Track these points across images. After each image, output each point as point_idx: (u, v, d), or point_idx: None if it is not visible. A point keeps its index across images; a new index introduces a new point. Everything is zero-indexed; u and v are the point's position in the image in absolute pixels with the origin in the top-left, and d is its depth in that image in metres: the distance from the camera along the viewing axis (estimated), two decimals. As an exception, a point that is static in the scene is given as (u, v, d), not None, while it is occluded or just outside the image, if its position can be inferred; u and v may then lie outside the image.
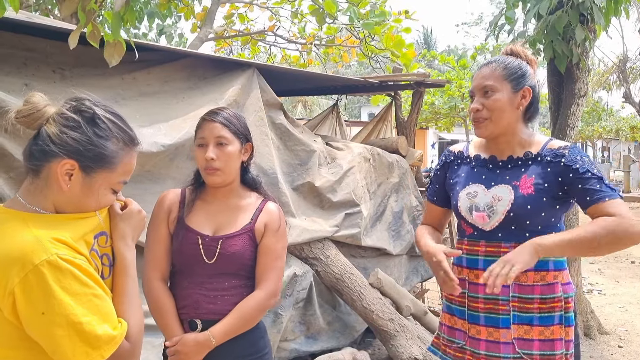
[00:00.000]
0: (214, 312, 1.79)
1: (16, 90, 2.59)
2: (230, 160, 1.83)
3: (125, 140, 1.33)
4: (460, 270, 1.93)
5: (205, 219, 1.85)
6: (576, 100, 4.39)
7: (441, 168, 2.07)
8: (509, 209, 1.81)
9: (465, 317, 1.90)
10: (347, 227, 3.81)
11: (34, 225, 1.21)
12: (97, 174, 1.29)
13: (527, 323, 1.80)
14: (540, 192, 1.80)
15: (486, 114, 1.85)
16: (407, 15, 7.53)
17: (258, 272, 1.85)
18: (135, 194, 2.85)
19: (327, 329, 3.74)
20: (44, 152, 1.24)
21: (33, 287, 1.13)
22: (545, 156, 1.83)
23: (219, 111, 1.87)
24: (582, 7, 3.96)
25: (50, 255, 1.15)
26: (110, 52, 2.06)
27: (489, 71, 1.87)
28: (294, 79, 4.82)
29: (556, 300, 1.80)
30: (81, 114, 1.27)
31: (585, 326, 4.57)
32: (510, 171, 1.87)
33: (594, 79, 17.04)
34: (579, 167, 1.76)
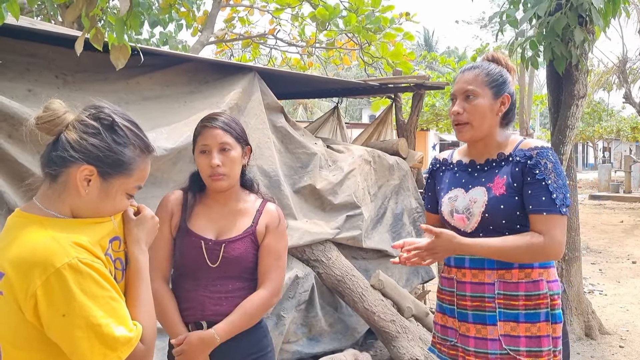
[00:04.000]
0: (219, 314, 1.82)
1: (20, 96, 2.62)
2: (235, 165, 1.86)
3: (141, 147, 1.36)
4: (449, 270, 1.99)
5: (207, 223, 1.87)
6: (575, 102, 4.40)
7: (430, 176, 2.14)
8: (484, 210, 1.86)
9: (455, 315, 1.95)
10: (348, 229, 3.83)
11: (52, 229, 1.24)
12: (114, 180, 1.32)
13: (514, 320, 1.84)
14: (511, 191, 1.84)
15: (466, 118, 1.90)
16: (407, 18, 7.55)
17: (261, 272, 1.88)
18: (137, 198, 2.86)
19: (329, 331, 3.76)
20: (63, 158, 1.27)
21: (55, 290, 1.16)
22: (516, 156, 1.87)
23: (218, 116, 1.89)
24: (580, 8, 3.98)
25: (72, 258, 1.18)
26: (116, 55, 2.09)
27: (471, 76, 1.92)
28: (295, 81, 4.85)
29: (541, 297, 1.83)
30: (101, 121, 1.31)
31: (587, 326, 4.58)
32: (485, 173, 1.93)
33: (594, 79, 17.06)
34: (538, 173, 1.81)
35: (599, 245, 9.15)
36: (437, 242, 1.79)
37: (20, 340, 1.22)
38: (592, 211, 14.17)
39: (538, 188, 1.79)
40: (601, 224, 11.77)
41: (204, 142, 1.85)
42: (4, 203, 2.33)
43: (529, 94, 13.80)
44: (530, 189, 1.81)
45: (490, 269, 1.87)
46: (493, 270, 1.86)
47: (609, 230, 10.88)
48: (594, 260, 7.97)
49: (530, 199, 1.80)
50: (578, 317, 4.55)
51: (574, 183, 4.65)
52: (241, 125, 1.95)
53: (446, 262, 2.01)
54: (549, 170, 1.81)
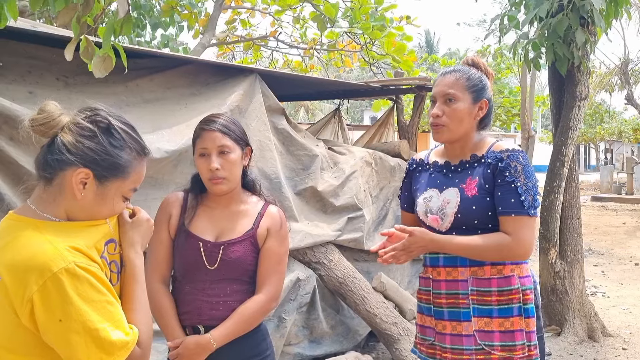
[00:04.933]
0: (216, 318, 1.81)
1: (21, 98, 2.62)
2: (234, 168, 1.84)
3: (137, 150, 1.35)
4: (425, 270, 2.03)
5: (207, 225, 1.86)
6: (577, 103, 4.39)
7: (407, 176, 2.17)
8: (457, 211, 1.89)
9: (432, 313, 1.98)
10: (349, 231, 3.82)
11: (48, 233, 1.23)
12: (110, 183, 1.31)
13: (487, 315, 1.88)
14: (483, 193, 1.88)
15: (445, 121, 1.93)
16: (408, 21, 7.55)
17: (260, 276, 1.86)
18: (138, 200, 2.88)
19: (331, 333, 3.75)
20: (59, 161, 1.26)
21: (51, 295, 1.15)
22: (488, 158, 1.91)
23: (217, 118, 1.87)
24: (582, 10, 3.97)
25: (68, 263, 1.17)
26: (98, 65, 2.07)
27: (452, 80, 1.95)
28: (296, 83, 4.85)
29: (514, 292, 1.87)
30: (97, 124, 1.29)
31: (589, 328, 4.56)
32: (459, 174, 1.97)
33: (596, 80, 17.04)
34: (508, 175, 1.85)
35: (601, 247, 9.13)
36: (410, 240, 1.85)
37: (16, 345, 1.21)
38: (594, 213, 14.14)
39: (507, 190, 1.85)
40: (603, 225, 11.74)
41: (202, 145, 1.84)
42: (5, 205, 2.32)
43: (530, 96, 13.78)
44: (500, 190, 1.86)
45: (462, 266, 1.91)
46: (466, 268, 1.91)
47: (611, 232, 10.85)
48: (597, 262, 7.95)
49: (500, 200, 1.86)
50: (581, 319, 4.53)
51: (576, 185, 4.64)
52: (241, 125, 1.93)
53: (424, 263, 2.05)
54: (519, 172, 1.86)
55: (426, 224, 1.98)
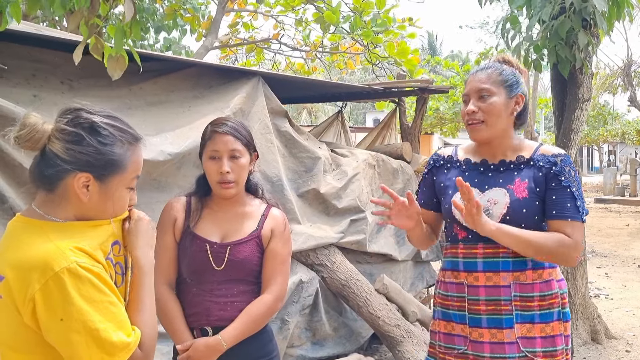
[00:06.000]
0: (224, 319, 1.82)
1: (25, 101, 2.64)
2: (243, 172, 1.87)
3: (129, 140, 1.34)
4: (457, 275, 1.94)
5: (212, 227, 1.88)
6: (580, 105, 4.39)
7: (429, 172, 2.09)
8: (505, 212, 1.85)
9: (465, 321, 1.90)
10: (352, 233, 3.83)
11: (52, 234, 1.24)
12: (111, 179, 1.31)
13: (529, 321, 1.84)
14: (533, 196, 1.85)
15: (482, 117, 1.89)
16: (411, 23, 7.56)
17: (265, 276, 1.88)
18: (142, 203, 2.88)
19: (334, 335, 3.75)
20: (56, 172, 1.26)
21: (53, 294, 1.16)
22: (538, 161, 1.88)
23: (228, 122, 1.89)
24: (584, 12, 3.98)
25: (70, 263, 1.18)
26: (112, 66, 2.09)
27: (485, 76, 1.92)
28: (299, 86, 4.86)
29: (554, 297, 1.85)
30: (81, 126, 1.27)
31: (593, 331, 4.56)
32: (503, 174, 1.91)
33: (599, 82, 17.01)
34: (564, 179, 1.83)
35: (604, 249, 9.11)
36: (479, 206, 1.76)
37: (19, 343, 1.22)
38: (597, 215, 14.11)
39: (563, 194, 1.82)
40: (607, 227, 11.72)
41: (214, 148, 1.85)
42: (8, 207, 2.34)
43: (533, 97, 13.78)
44: (555, 194, 1.82)
45: (505, 271, 1.85)
46: (508, 273, 1.85)
47: (614, 234, 10.84)
48: (600, 263, 7.94)
49: (555, 204, 1.82)
50: (584, 321, 4.53)
51: (579, 186, 4.63)
52: (249, 130, 1.95)
53: (451, 267, 1.97)
54: (573, 177, 1.84)
55: (462, 224, 1.91)
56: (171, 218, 1.90)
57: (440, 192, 2.03)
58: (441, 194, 2.03)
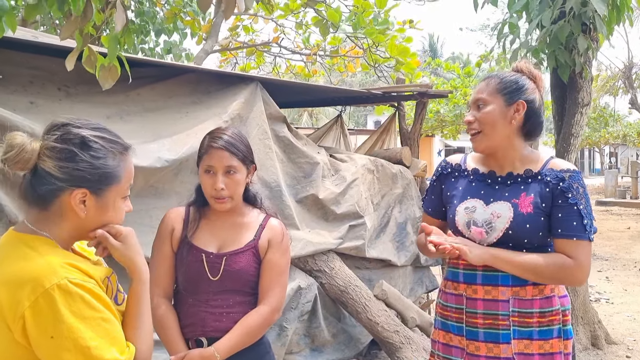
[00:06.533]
0: (219, 330, 1.81)
1: (22, 109, 2.63)
2: (239, 188, 1.86)
3: (120, 150, 1.34)
4: (456, 286, 1.93)
5: (209, 237, 1.87)
6: (580, 110, 4.38)
7: (437, 179, 2.06)
8: (508, 227, 1.81)
9: (462, 333, 1.89)
10: (351, 239, 3.82)
11: (44, 249, 1.23)
12: (108, 192, 1.31)
13: (527, 337, 1.81)
14: (538, 211, 1.81)
15: (478, 127, 1.87)
16: (411, 25, 7.55)
17: (262, 287, 1.86)
18: (140, 209, 2.88)
19: (332, 342, 3.74)
20: (51, 190, 1.24)
21: (43, 311, 1.15)
22: (546, 176, 1.83)
23: (225, 135, 1.86)
24: (584, 16, 3.97)
25: (61, 279, 1.17)
26: (104, 76, 2.08)
27: (483, 85, 1.90)
28: (298, 91, 4.85)
29: (554, 313, 1.82)
30: (71, 142, 1.26)
31: (593, 336, 4.54)
32: (509, 188, 1.87)
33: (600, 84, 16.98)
34: (571, 197, 1.78)
35: (605, 253, 9.10)
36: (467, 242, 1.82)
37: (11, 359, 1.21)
38: (598, 217, 14.09)
39: (570, 212, 1.77)
40: (608, 230, 11.70)
41: (209, 163, 1.84)
42: (5, 216, 2.33)
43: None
44: (561, 212, 1.78)
45: (504, 285, 1.82)
46: (507, 287, 1.82)
47: (615, 237, 10.81)
48: (601, 267, 7.92)
49: (560, 222, 1.78)
50: (584, 326, 4.51)
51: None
52: (247, 142, 1.93)
53: (452, 278, 1.95)
54: (581, 195, 1.78)
55: (466, 235, 1.89)
56: (169, 228, 1.89)
57: (447, 201, 2.01)
58: (447, 203, 2.01)
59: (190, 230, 1.87)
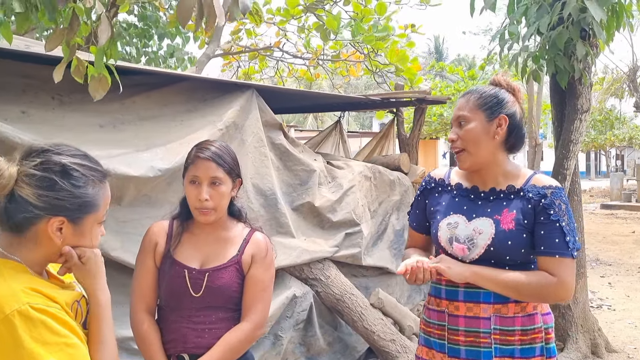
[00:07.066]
0: (201, 346, 1.79)
1: (13, 118, 2.63)
2: (223, 200, 1.84)
3: (99, 178, 1.33)
4: (439, 302, 1.91)
5: (192, 252, 1.85)
6: (579, 116, 4.34)
7: (421, 194, 2.05)
8: (490, 243, 1.80)
9: (445, 350, 1.87)
10: (347, 247, 3.80)
11: (8, 273, 1.21)
12: (85, 220, 1.30)
13: (509, 356, 1.79)
14: (520, 228, 1.79)
15: (461, 145, 1.85)
16: (413, 29, 7.53)
17: (245, 303, 1.85)
18: (133, 219, 2.87)
19: (328, 350, 3.72)
20: (28, 218, 1.23)
21: (4, 337, 1.14)
22: (528, 192, 1.81)
23: (212, 146, 1.85)
24: (583, 22, 3.93)
25: (22, 305, 1.15)
26: (94, 87, 2.07)
27: (463, 101, 1.88)
28: (297, 97, 4.84)
29: (537, 331, 1.80)
30: (51, 170, 1.24)
31: (593, 344, 4.49)
32: (492, 204, 1.86)
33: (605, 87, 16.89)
34: (552, 214, 1.76)
35: (609, 257, 9.02)
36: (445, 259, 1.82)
37: None
38: (603, 221, 14.00)
39: (552, 229, 1.75)
40: (612, 234, 11.61)
41: (194, 173, 1.82)
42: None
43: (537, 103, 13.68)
44: (543, 229, 1.76)
45: (486, 302, 1.80)
46: (489, 305, 1.80)
47: (619, 241, 10.73)
48: (604, 272, 7.85)
49: (543, 239, 1.76)
50: (584, 334, 4.47)
51: (578, 198, 4.58)
52: (235, 155, 1.92)
53: (435, 294, 1.94)
54: (563, 211, 1.77)
55: (448, 251, 1.87)
56: (152, 242, 1.88)
57: (430, 216, 2.00)
58: (431, 218, 1.99)
59: (173, 244, 1.86)
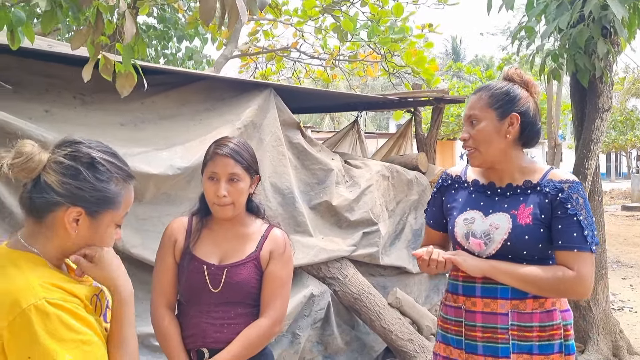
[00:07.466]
0: (220, 341, 1.81)
1: (37, 117, 2.67)
2: (241, 196, 1.85)
3: (124, 177, 1.35)
4: (456, 298, 1.91)
5: (211, 248, 1.87)
6: (600, 115, 4.28)
7: (438, 191, 2.05)
8: (507, 238, 1.79)
9: (462, 346, 1.86)
10: (365, 246, 3.79)
11: (28, 267, 1.23)
12: (103, 216, 1.31)
13: (527, 352, 1.78)
14: (537, 223, 1.78)
15: (473, 144, 1.85)
16: (430, 29, 7.50)
17: (263, 300, 1.86)
18: (152, 216, 2.91)
19: (346, 349, 3.71)
20: (48, 202, 1.25)
21: (20, 331, 1.15)
22: (545, 187, 1.80)
23: (231, 143, 1.87)
24: (604, 20, 3.88)
25: (38, 299, 1.16)
26: (122, 83, 2.11)
27: (475, 100, 1.87)
28: (314, 97, 4.85)
29: (555, 328, 1.79)
30: (79, 160, 1.27)
31: (614, 346, 4.43)
32: (508, 199, 1.85)
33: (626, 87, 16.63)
34: (570, 208, 1.75)
35: (630, 259, 8.88)
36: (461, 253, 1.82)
37: None
38: (624, 222, 13.78)
39: (569, 223, 1.74)
40: (633, 236, 11.42)
41: (213, 169, 1.84)
42: (14, 222, 2.35)
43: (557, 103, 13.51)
44: (560, 223, 1.75)
45: (503, 298, 1.79)
46: (506, 300, 1.79)
47: (641, 243, 10.55)
48: (625, 274, 7.73)
49: (561, 234, 1.75)
50: (605, 336, 4.41)
51: (599, 198, 4.52)
52: (253, 152, 1.93)
53: (452, 290, 1.93)
54: (580, 205, 1.75)
55: (464, 247, 1.87)
56: (171, 239, 1.90)
57: (447, 213, 1.99)
58: (447, 214, 1.99)
59: (193, 240, 1.88)
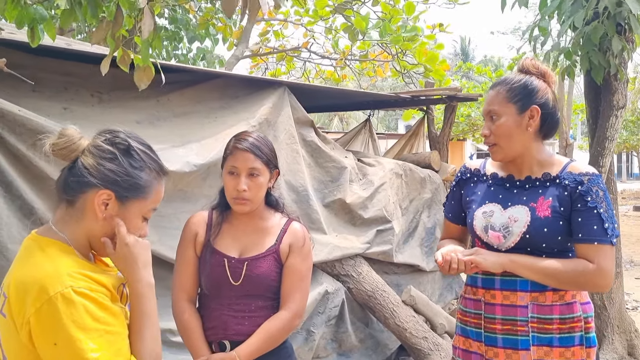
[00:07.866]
0: (242, 333, 1.82)
1: (55, 114, 2.70)
2: (261, 191, 1.87)
3: (157, 170, 1.37)
4: (475, 291, 1.90)
5: (231, 241, 1.89)
6: (614, 112, 4.26)
7: (457, 185, 2.04)
8: (525, 231, 1.79)
9: (481, 339, 1.86)
10: (378, 243, 3.79)
11: (56, 254, 1.24)
12: (131, 203, 1.33)
13: (547, 344, 1.77)
14: (556, 215, 1.77)
15: (494, 140, 1.84)
16: (441, 29, 7.49)
17: (283, 293, 1.87)
18: (169, 213, 2.93)
19: (360, 347, 3.72)
20: (80, 183, 1.28)
21: (46, 319, 1.16)
22: (564, 179, 1.80)
23: (250, 137, 1.88)
24: (619, 16, 3.86)
25: (65, 287, 1.17)
26: (139, 76, 2.14)
27: (493, 95, 1.86)
28: (327, 95, 4.86)
29: (575, 320, 1.78)
30: (117, 146, 1.31)
31: (629, 345, 4.40)
32: (527, 192, 1.85)
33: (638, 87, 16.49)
34: (590, 200, 1.74)
35: (643, 260, 8.81)
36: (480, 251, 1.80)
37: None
38: (636, 223, 13.68)
39: (590, 216, 1.73)
40: (646, 236, 11.34)
41: (233, 164, 1.85)
42: (37, 218, 2.38)
43: (568, 103, 13.45)
44: (580, 216, 1.74)
45: (523, 290, 1.79)
46: (526, 293, 1.79)
47: (654, 243, 10.47)
48: (638, 274, 7.68)
49: (581, 226, 1.74)
50: (620, 335, 4.38)
51: (614, 196, 4.50)
52: (272, 146, 1.94)
53: (471, 283, 1.93)
54: (600, 198, 1.74)
55: (484, 240, 1.87)
56: (192, 233, 1.92)
57: (466, 206, 1.99)
58: (466, 208, 1.99)
59: (213, 234, 1.89)
